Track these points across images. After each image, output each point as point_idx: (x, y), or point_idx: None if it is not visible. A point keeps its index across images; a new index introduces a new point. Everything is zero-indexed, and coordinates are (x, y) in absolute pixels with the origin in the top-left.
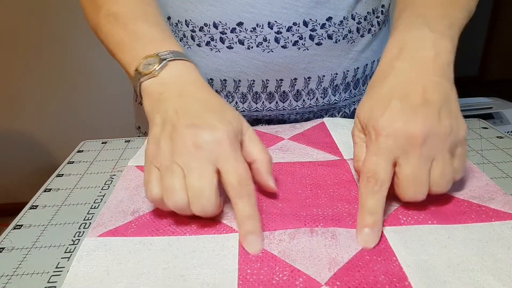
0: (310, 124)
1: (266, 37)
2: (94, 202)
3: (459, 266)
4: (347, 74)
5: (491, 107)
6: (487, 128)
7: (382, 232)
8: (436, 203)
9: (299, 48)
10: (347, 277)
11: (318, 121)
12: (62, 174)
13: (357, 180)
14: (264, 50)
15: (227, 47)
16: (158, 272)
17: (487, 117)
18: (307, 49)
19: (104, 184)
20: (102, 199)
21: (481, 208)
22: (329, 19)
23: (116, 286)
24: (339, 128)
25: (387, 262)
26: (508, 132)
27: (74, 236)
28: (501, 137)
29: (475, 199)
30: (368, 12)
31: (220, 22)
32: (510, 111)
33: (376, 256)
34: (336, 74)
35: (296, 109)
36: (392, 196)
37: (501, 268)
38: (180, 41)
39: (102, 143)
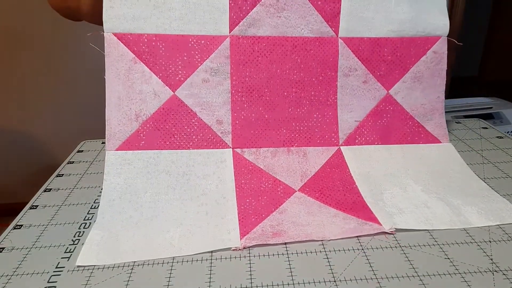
0: None
1: None
2: (94, 202)
3: (391, 175)
4: None
5: (491, 107)
6: (487, 128)
7: (341, 150)
8: (387, 125)
9: None
10: (314, 185)
11: None
12: (62, 174)
13: (339, 76)
14: None
15: None
16: (173, 181)
17: (487, 117)
18: None
19: None
20: None
21: (418, 129)
22: None
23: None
24: None
25: (342, 173)
26: (508, 132)
27: (74, 236)
28: (501, 137)
29: (419, 117)
30: None
31: None
32: (510, 111)
33: (334, 169)
34: None
35: None
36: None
37: (418, 175)
38: None
39: (102, 143)
